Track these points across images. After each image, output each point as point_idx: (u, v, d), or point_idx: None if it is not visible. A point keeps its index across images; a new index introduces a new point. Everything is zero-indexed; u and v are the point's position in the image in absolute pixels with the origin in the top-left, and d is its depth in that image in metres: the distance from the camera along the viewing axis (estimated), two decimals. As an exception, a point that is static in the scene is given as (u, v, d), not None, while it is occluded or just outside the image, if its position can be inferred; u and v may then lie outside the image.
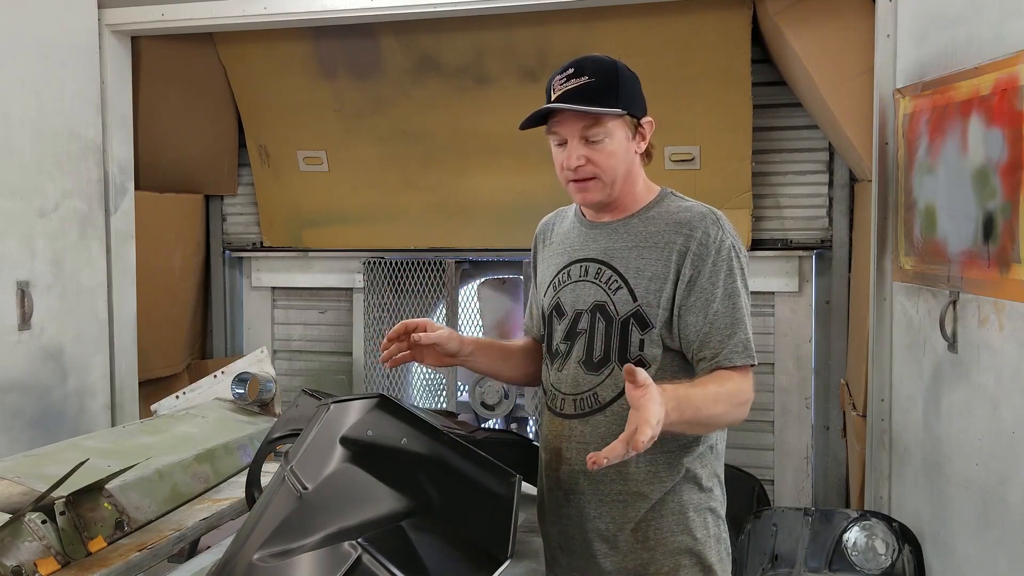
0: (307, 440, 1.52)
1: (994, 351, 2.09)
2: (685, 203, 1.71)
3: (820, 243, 3.61)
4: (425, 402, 4.11)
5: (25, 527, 1.63)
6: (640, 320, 1.65)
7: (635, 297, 1.65)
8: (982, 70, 2.14)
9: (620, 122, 1.65)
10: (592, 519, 1.68)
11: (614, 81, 1.63)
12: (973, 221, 2.17)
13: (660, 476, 1.65)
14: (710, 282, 1.61)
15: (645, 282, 1.65)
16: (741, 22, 3.26)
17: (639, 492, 1.65)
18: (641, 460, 1.63)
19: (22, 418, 3.06)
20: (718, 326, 1.60)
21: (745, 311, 1.63)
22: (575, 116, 1.63)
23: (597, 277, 1.70)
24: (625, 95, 1.64)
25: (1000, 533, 2.09)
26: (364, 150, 3.94)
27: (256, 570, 1.33)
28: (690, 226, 1.65)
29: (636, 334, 1.65)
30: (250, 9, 3.31)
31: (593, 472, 1.62)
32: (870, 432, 2.86)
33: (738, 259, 1.64)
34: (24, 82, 3.06)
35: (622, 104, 1.63)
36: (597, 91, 1.61)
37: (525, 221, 3.81)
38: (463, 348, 1.79)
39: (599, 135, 1.63)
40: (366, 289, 4.06)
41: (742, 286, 1.64)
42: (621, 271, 1.68)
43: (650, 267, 1.65)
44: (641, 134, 1.69)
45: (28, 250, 3.08)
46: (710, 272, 1.62)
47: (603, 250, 1.72)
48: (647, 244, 1.67)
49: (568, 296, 1.74)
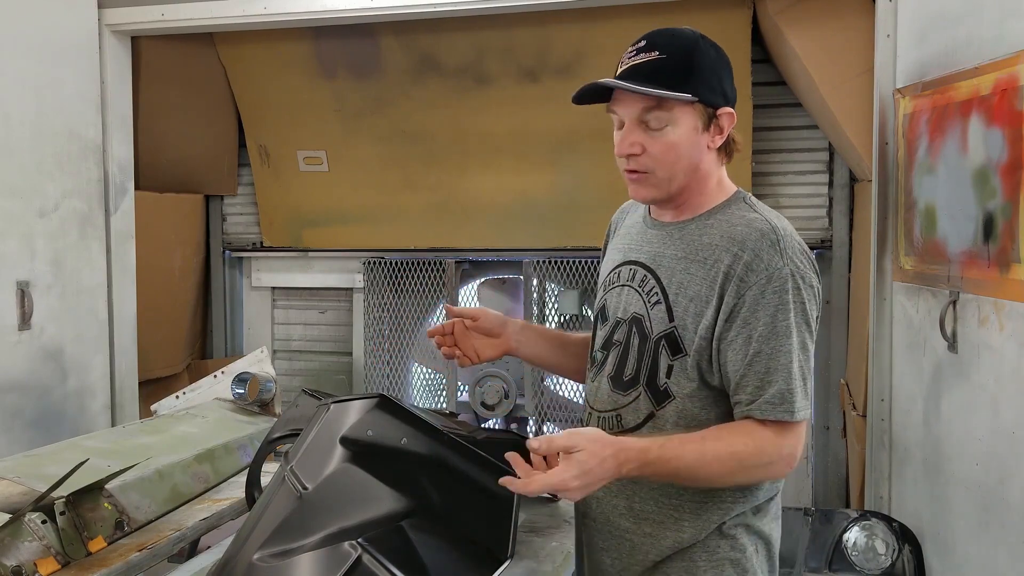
0: (307, 440, 1.52)
1: (994, 351, 2.09)
2: (750, 214, 1.45)
3: (820, 243, 3.61)
4: (425, 402, 4.11)
5: (25, 527, 1.63)
6: (672, 344, 1.44)
7: (672, 316, 1.44)
8: (982, 70, 2.14)
9: (688, 109, 1.41)
10: (598, 550, 1.56)
11: (689, 60, 1.41)
12: (973, 221, 2.17)
13: (682, 524, 1.47)
14: (753, 315, 1.37)
15: (685, 301, 1.43)
16: (741, 22, 3.26)
17: (652, 535, 1.48)
18: (664, 501, 1.47)
19: (22, 418, 3.06)
20: (756, 369, 1.37)
21: (795, 355, 1.37)
22: (634, 97, 1.42)
23: (642, 285, 1.51)
24: (700, 78, 1.41)
25: (1000, 533, 2.09)
26: (364, 150, 3.94)
27: (256, 570, 1.33)
28: (742, 244, 1.40)
29: (665, 359, 1.45)
30: (250, 9, 3.31)
31: (609, 498, 1.52)
32: (870, 432, 2.86)
33: (798, 292, 1.37)
34: (24, 82, 3.06)
35: (692, 88, 1.40)
36: (665, 70, 1.40)
37: (525, 221, 3.87)
38: (508, 326, 1.68)
39: (661, 121, 1.41)
40: (366, 289, 4.06)
41: (798, 325, 1.38)
42: (664, 284, 1.47)
43: (694, 285, 1.43)
44: (717, 127, 1.44)
45: (28, 250, 3.08)
46: (754, 303, 1.37)
47: (654, 255, 1.52)
48: (696, 257, 1.45)
49: (613, 300, 1.57)
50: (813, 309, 1.41)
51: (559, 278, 3.81)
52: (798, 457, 1.40)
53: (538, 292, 3.80)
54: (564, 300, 3.76)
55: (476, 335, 1.71)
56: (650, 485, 1.47)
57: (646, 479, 1.40)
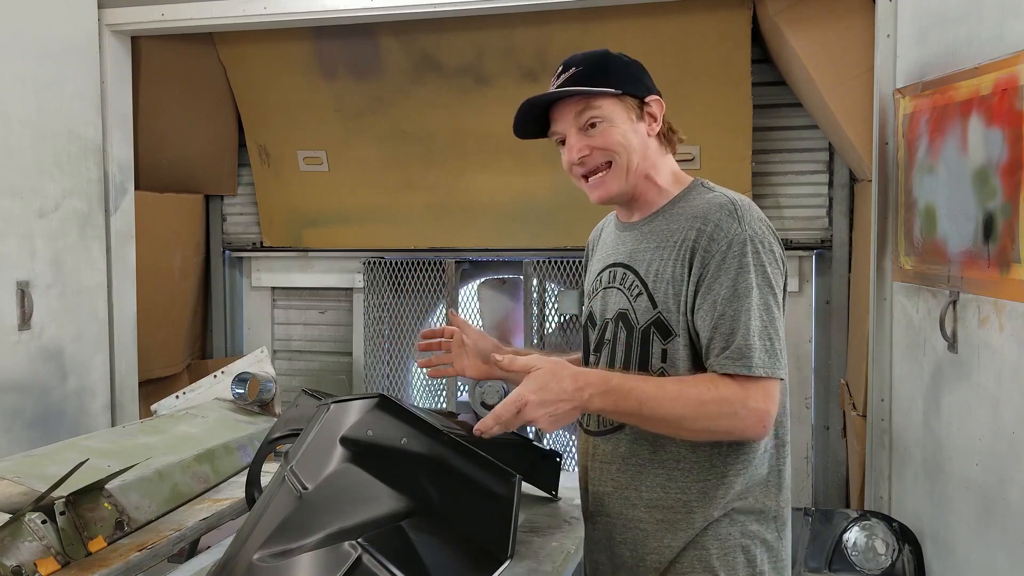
0: (307, 440, 1.52)
1: (994, 351, 2.09)
2: (709, 194, 1.54)
3: (820, 243, 3.62)
4: (425, 402, 4.11)
5: (25, 527, 1.63)
6: (662, 328, 1.49)
7: (655, 303, 1.50)
8: (982, 70, 2.14)
9: (616, 102, 1.52)
10: (617, 544, 1.57)
11: (603, 65, 1.53)
12: (973, 221, 2.17)
13: (691, 507, 1.50)
14: (716, 281, 1.43)
15: (664, 285, 1.50)
16: (741, 22, 3.26)
17: (664, 521, 1.51)
18: (672, 486, 1.50)
19: (22, 418, 3.06)
20: (721, 331, 1.42)
21: (756, 313, 1.41)
22: (566, 107, 1.53)
23: (623, 283, 1.57)
24: (618, 75, 1.53)
25: (1000, 533, 2.09)
26: (364, 150, 3.94)
27: (256, 570, 1.33)
28: (704, 218, 1.48)
29: (658, 344, 1.50)
30: (250, 9, 3.31)
31: (619, 492, 1.55)
32: (870, 432, 2.86)
33: (757, 255, 1.44)
34: (24, 82, 3.06)
35: (613, 83, 1.51)
36: (585, 77, 1.51)
37: (525, 221, 3.87)
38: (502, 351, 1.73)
39: (595, 118, 1.52)
40: (366, 289, 4.07)
41: (759, 286, 1.43)
42: (643, 275, 1.53)
43: (668, 268, 1.50)
44: (650, 114, 1.55)
45: (28, 250, 3.08)
46: (717, 269, 1.43)
47: (630, 253, 1.58)
48: (667, 243, 1.51)
49: (599, 304, 1.63)
50: (776, 272, 1.47)
51: (559, 278, 3.81)
52: (770, 415, 1.41)
53: (538, 292, 3.80)
54: (564, 300, 3.76)
55: (468, 354, 1.78)
56: (656, 473, 1.50)
57: (610, 413, 1.43)
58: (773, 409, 1.42)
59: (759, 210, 1.53)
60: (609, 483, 1.57)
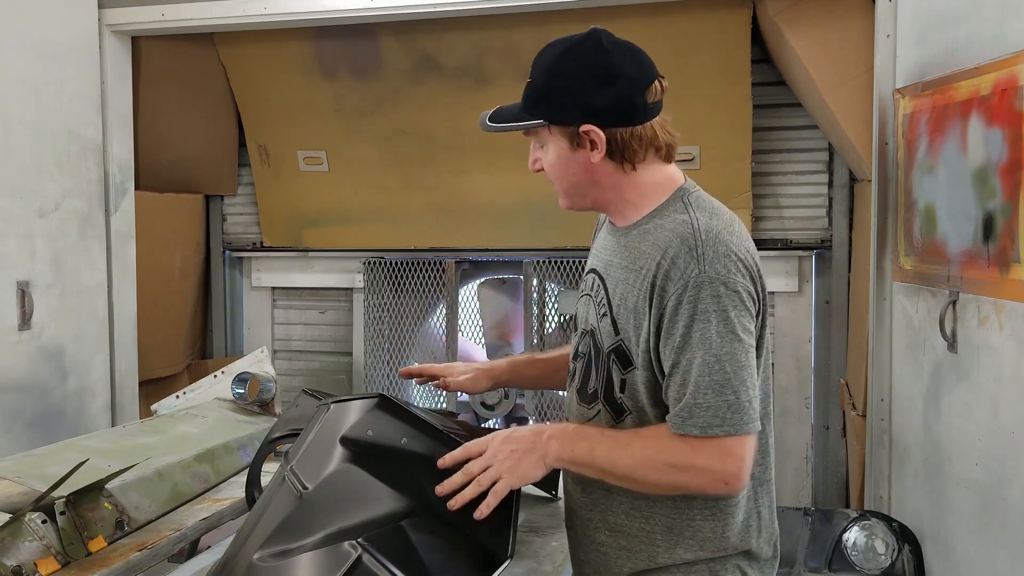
0: (307, 440, 1.52)
1: (994, 351, 2.09)
2: (681, 215, 1.38)
3: (820, 243, 3.62)
4: (425, 402, 4.11)
5: (25, 527, 1.63)
6: (622, 357, 1.39)
7: (617, 330, 1.40)
8: (982, 70, 2.14)
9: (547, 132, 1.40)
10: (580, 562, 1.54)
11: (544, 83, 1.39)
12: (973, 221, 2.17)
13: (654, 539, 1.42)
14: (673, 326, 1.31)
15: (627, 313, 1.38)
16: (741, 22, 3.26)
17: (626, 547, 1.44)
18: (636, 514, 1.43)
19: (22, 418, 3.06)
20: (675, 381, 1.31)
21: (711, 365, 1.27)
22: None
23: (595, 296, 1.48)
24: (550, 101, 1.39)
25: (1000, 533, 2.09)
26: (364, 150, 3.94)
27: (256, 570, 1.33)
28: (664, 251, 1.34)
29: (618, 373, 1.40)
30: (250, 9, 3.31)
31: (585, 511, 1.51)
32: (870, 432, 2.86)
33: (717, 299, 1.28)
34: (24, 82, 3.06)
35: (541, 112, 1.39)
36: (529, 96, 1.41)
37: (525, 221, 3.87)
38: (496, 381, 1.74)
39: (538, 142, 1.44)
40: (366, 289, 4.07)
41: (721, 334, 1.28)
42: (610, 294, 1.43)
43: (632, 295, 1.38)
44: (592, 142, 1.38)
45: (28, 250, 3.08)
46: (673, 313, 1.31)
47: (606, 263, 1.48)
48: (634, 266, 1.39)
49: (581, 310, 1.55)
50: (743, 314, 1.30)
51: (559, 278, 3.81)
52: (729, 473, 1.29)
53: (538, 292, 3.80)
54: (564, 300, 3.76)
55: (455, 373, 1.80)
56: (621, 500, 1.45)
57: (567, 461, 1.39)
58: (734, 467, 1.29)
59: (731, 238, 1.35)
60: (579, 500, 1.54)
